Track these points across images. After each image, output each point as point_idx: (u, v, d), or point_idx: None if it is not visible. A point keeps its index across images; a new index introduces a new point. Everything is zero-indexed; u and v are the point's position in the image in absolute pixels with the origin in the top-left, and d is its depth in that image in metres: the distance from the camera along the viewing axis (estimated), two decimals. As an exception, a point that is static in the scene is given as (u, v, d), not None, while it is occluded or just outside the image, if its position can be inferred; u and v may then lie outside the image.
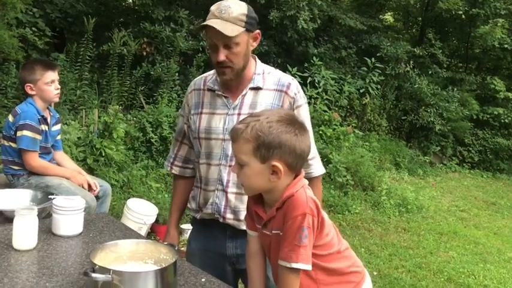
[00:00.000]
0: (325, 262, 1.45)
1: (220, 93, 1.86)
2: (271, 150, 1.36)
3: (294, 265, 1.36)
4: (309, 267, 1.37)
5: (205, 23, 1.72)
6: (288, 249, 1.36)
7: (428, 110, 9.54)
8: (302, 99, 1.88)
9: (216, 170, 1.83)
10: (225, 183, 1.82)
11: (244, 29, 1.74)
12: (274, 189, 1.42)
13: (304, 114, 1.88)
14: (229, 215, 1.83)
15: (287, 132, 1.37)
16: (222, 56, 1.74)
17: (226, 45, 1.73)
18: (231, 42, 1.72)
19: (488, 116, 10.22)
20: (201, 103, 1.89)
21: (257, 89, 1.85)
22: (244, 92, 1.84)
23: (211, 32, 1.71)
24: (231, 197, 1.82)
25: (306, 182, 1.46)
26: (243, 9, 1.75)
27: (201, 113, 1.88)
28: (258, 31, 1.82)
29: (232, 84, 1.85)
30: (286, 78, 1.88)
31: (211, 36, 1.73)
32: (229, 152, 1.80)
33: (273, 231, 1.43)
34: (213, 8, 1.76)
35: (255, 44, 1.82)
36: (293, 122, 1.40)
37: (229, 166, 1.81)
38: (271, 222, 1.44)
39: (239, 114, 1.82)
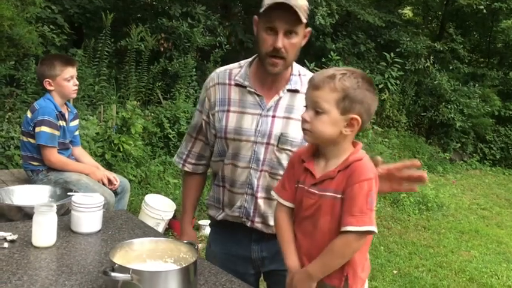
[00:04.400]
0: None
1: (252, 90, 1.74)
2: (354, 105, 1.39)
3: (368, 228, 1.35)
4: (376, 230, 1.38)
5: (279, 1, 1.55)
6: (360, 214, 1.35)
7: (449, 106, 9.38)
8: None
9: (244, 173, 1.75)
10: (255, 188, 1.74)
11: (305, 21, 1.63)
12: (339, 142, 1.43)
13: None
14: (257, 219, 1.77)
15: (369, 91, 1.42)
16: (281, 43, 1.61)
17: (287, 32, 1.61)
18: (294, 29, 1.61)
19: (510, 112, 10.01)
20: (227, 99, 1.76)
21: (295, 91, 1.75)
22: (281, 94, 1.74)
23: (276, 13, 1.58)
24: (261, 202, 1.75)
25: None
26: (306, 1, 1.65)
27: (228, 110, 1.75)
28: (309, 29, 1.72)
29: (267, 81, 1.74)
30: None
31: (275, 19, 1.59)
32: (261, 156, 1.72)
33: (327, 193, 1.41)
34: None
35: (303, 42, 1.71)
36: (373, 83, 1.44)
37: (261, 171, 1.73)
38: (326, 183, 1.42)
39: (274, 116, 1.72)
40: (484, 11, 9.76)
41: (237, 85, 1.77)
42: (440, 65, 9.73)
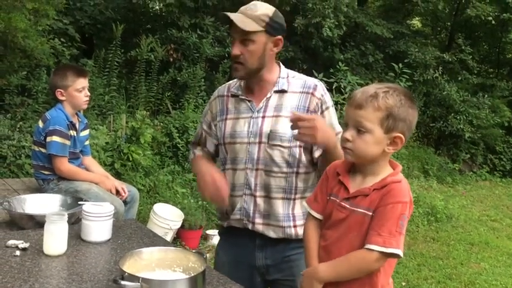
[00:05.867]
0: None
1: (243, 97, 1.85)
2: (398, 123, 1.38)
3: (392, 250, 1.34)
4: (402, 255, 1.37)
5: (225, 13, 1.73)
6: (389, 235, 1.34)
7: (458, 117, 9.33)
8: (329, 101, 1.84)
9: (242, 174, 1.80)
10: (253, 187, 1.79)
11: (264, 29, 1.73)
12: (379, 160, 1.43)
13: (332, 116, 1.83)
14: (258, 220, 1.80)
15: (412, 108, 1.41)
16: (236, 50, 1.75)
17: (242, 41, 1.74)
18: (247, 37, 1.73)
19: (521, 123, 9.95)
20: (225, 109, 1.88)
21: (282, 91, 1.82)
22: (268, 95, 1.82)
23: (232, 24, 1.74)
24: (260, 200, 1.79)
25: None
26: (268, 11, 1.75)
27: (226, 118, 1.87)
28: (280, 37, 1.79)
29: (254, 87, 1.84)
30: (311, 80, 1.86)
31: (232, 29, 1.76)
32: (255, 155, 1.78)
33: (359, 209, 1.40)
34: (243, 6, 1.78)
35: (275, 50, 1.80)
36: (414, 100, 1.43)
37: (256, 170, 1.78)
38: (359, 199, 1.41)
39: (263, 117, 1.80)
40: (493, 22, 9.75)
41: (232, 96, 1.89)
42: (449, 76, 9.69)
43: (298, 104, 1.80)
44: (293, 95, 1.81)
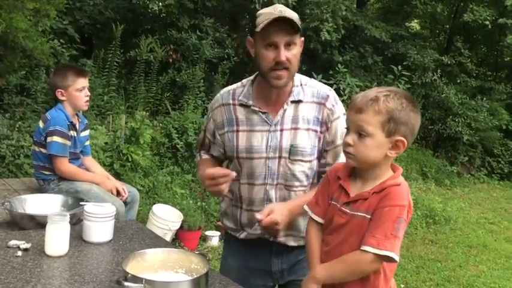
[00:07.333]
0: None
1: (256, 109, 1.76)
2: (399, 126, 1.37)
3: (386, 253, 1.34)
4: (398, 259, 1.36)
5: (275, 16, 1.61)
6: (383, 238, 1.34)
7: (456, 120, 9.36)
8: (339, 110, 1.79)
9: (261, 189, 1.76)
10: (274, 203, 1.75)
11: (299, 31, 1.68)
12: (381, 164, 1.42)
13: (339, 128, 1.77)
14: (281, 233, 1.78)
15: (414, 112, 1.40)
16: (283, 55, 1.64)
17: (287, 44, 1.65)
18: (293, 40, 1.65)
19: (519, 126, 9.97)
20: (234, 119, 1.78)
21: (298, 102, 1.76)
22: (285, 107, 1.75)
23: (274, 28, 1.62)
24: None
25: None
26: (295, 13, 1.70)
27: (237, 130, 1.77)
28: (302, 38, 1.75)
29: (271, 97, 1.76)
30: (324, 89, 1.80)
31: (273, 34, 1.63)
32: (275, 170, 1.74)
33: (358, 213, 1.40)
34: (267, 10, 1.66)
35: (300, 51, 1.74)
36: (415, 103, 1.43)
37: (276, 185, 1.75)
38: (359, 203, 1.41)
39: (282, 130, 1.74)
40: (490, 26, 9.76)
41: (241, 105, 1.79)
42: (447, 79, 9.71)
43: (314, 114, 1.75)
44: (308, 105, 1.76)
